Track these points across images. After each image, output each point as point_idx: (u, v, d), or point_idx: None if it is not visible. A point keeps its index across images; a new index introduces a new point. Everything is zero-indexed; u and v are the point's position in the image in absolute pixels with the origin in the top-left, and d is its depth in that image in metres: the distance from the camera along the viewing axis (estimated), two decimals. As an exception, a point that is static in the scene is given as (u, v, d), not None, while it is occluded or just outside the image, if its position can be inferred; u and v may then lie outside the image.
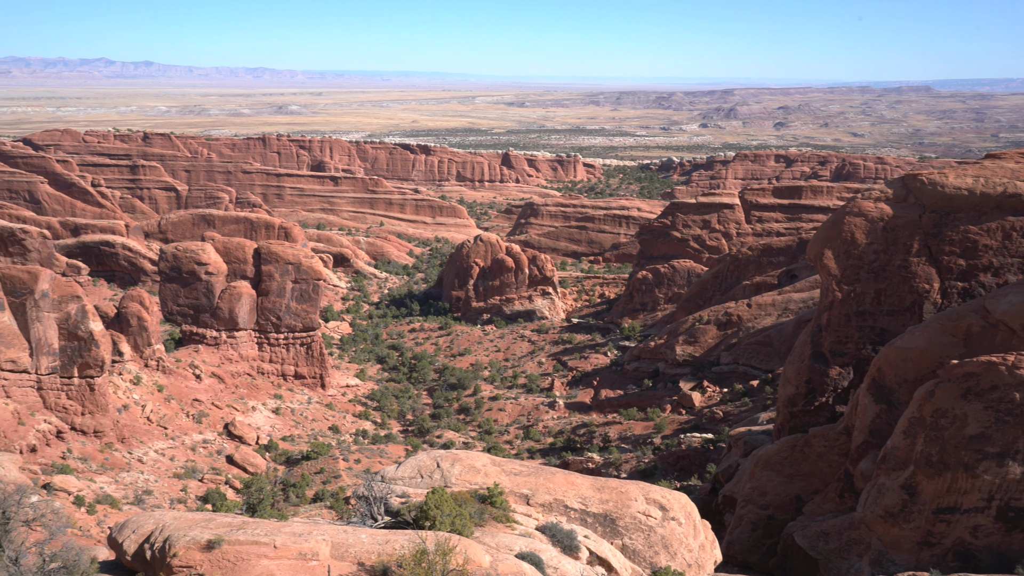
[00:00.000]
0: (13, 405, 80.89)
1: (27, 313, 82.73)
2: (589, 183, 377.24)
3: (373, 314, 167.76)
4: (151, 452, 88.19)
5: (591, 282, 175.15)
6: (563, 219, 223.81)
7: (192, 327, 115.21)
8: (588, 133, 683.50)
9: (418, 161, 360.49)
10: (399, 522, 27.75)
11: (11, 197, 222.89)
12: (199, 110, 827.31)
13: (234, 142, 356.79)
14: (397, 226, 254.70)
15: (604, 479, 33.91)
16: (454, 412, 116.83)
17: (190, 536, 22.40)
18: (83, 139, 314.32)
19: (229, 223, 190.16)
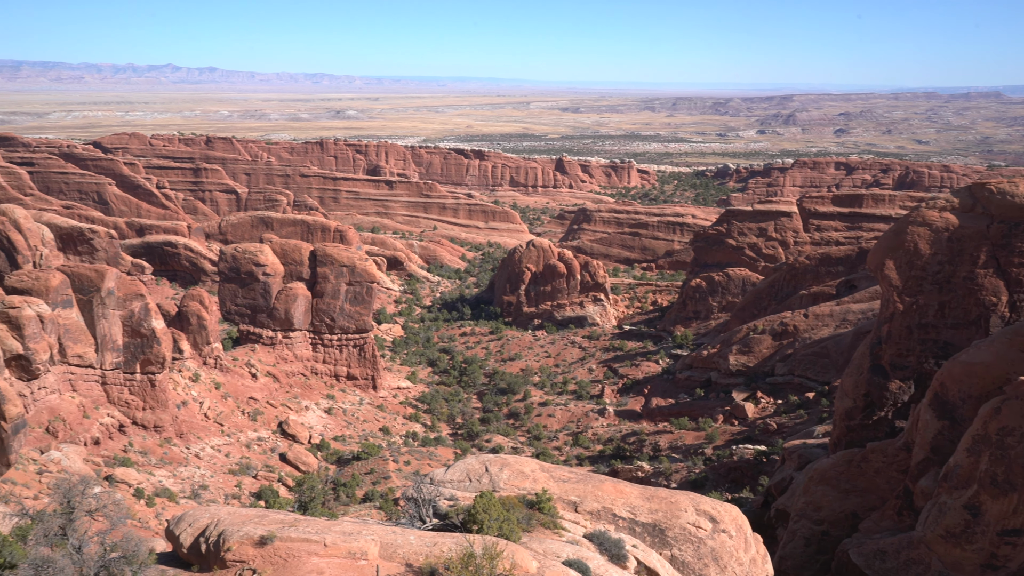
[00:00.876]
0: (79, 398, 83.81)
1: (94, 310, 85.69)
2: (643, 189, 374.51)
3: (425, 317, 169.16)
4: (208, 448, 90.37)
5: (643, 289, 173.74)
6: (616, 225, 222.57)
7: (249, 327, 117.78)
8: (643, 139, 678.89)
9: (472, 166, 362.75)
10: (447, 525, 27.87)
11: (81, 198, 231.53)
12: (260, 115, 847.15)
13: (293, 146, 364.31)
14: (450, 230, 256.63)
15: (653, 488, 33.52)
16: (503, 417, 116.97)
17: (243, 531, 22.85)
18: (149, 142, 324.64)
19: (286, 225, 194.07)
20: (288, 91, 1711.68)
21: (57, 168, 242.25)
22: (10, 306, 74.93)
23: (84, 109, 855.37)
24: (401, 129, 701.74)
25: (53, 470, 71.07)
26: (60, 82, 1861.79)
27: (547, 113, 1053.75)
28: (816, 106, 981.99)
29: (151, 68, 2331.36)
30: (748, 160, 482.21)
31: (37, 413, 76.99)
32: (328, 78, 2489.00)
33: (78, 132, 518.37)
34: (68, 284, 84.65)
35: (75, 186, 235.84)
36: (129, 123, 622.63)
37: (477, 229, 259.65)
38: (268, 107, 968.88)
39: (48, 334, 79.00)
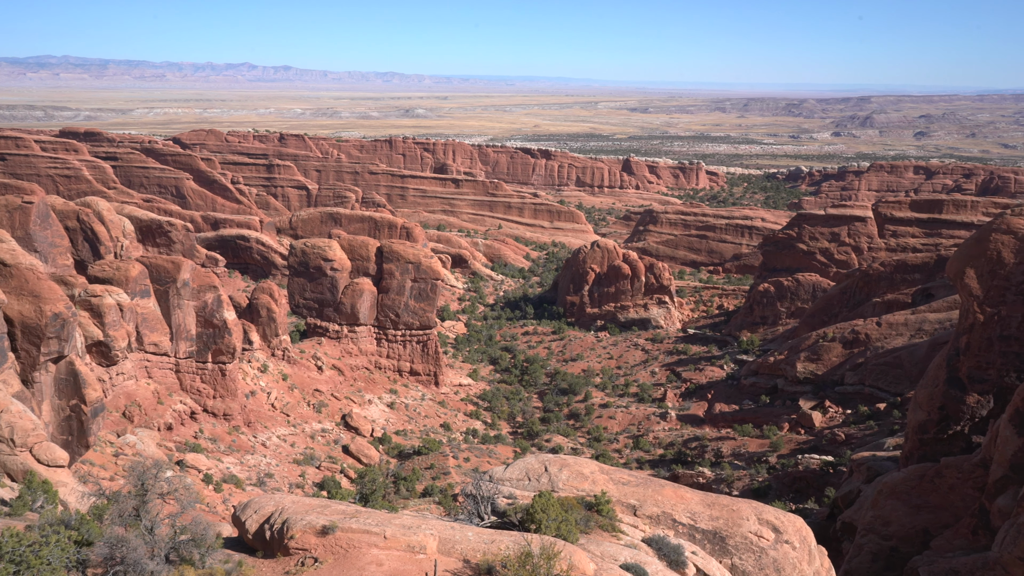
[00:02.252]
0: (154, 385, 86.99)
1: (169, 300, 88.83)
2: (711, 191, 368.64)
3: (488, 315, 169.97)
4: (274, 437, 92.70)
5: (709, 292, 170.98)
6: (683, 227, 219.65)
7: (316, 320, 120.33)
8: (712, 140, 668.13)
9: (538, 165, 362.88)
10: (505, 523, 27.90)
11: (160, 192, 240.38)
12: (331, 112, 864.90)
13: (362, 144, 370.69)
14: (515, 229, 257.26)
15: (715, 495, 32.92)
16: (564, 417, 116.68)
17: (306, 520, 23.31)
18: (225, 139, 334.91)
19: (354, 221, 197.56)
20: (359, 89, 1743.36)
21: (139, 163, 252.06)
22: (92, 294, 78.24)
23: (165, 106, 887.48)
24: (469, 128, 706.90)
25: (128, 453, 73.94)
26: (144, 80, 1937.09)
27: (615, 113, 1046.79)
28: (895, 108, 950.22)
29: (229, 67, 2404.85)
30: (822, 163, 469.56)
31: (115, 398, 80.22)
32: (398, 77, 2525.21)
33: (159, 128, 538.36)
34: (146, 275, 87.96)
35: (155, 180, 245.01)
36: (207, 120, 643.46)
37: (542, 228, 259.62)
38: (340, 105, 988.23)
39: (127, 322, 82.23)
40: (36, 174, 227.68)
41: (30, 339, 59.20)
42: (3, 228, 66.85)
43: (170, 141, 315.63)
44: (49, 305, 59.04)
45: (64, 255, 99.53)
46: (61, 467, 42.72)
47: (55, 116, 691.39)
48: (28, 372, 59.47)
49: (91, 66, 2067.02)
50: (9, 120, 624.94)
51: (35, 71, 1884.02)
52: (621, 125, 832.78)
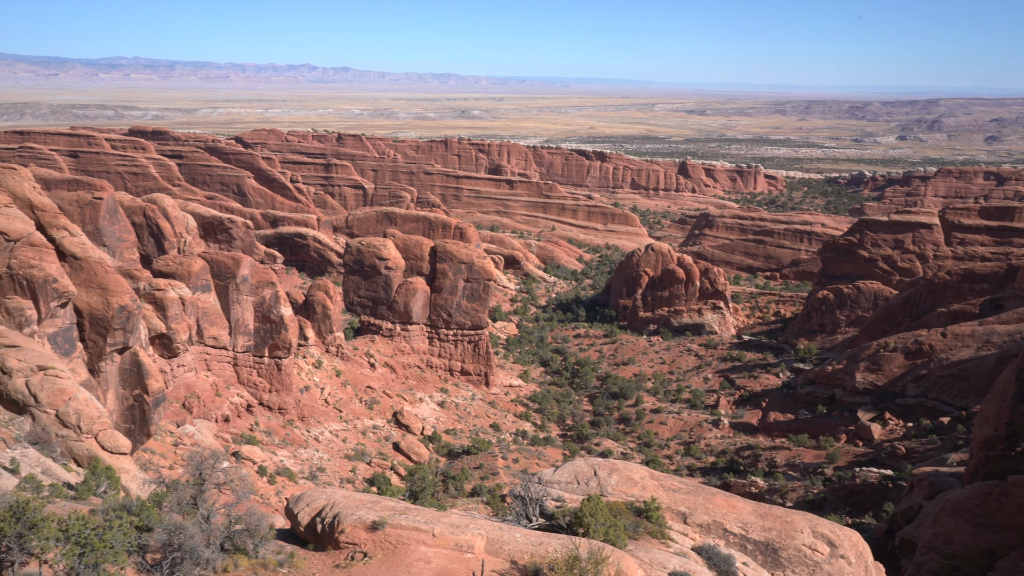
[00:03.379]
0: (212, 378, 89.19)
1: (229, 295, 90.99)
2: (770, 195, 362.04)
3: (540, 317, 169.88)
4: (326, 432, 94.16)
5: (766, 299, 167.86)
6: (739, 232, 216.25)
7: (370, 318, 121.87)
8: (772, 143, 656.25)
9: (593, 167, 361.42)
10: (553, 525, 27.80)
11: (222, 189, 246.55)
12: (388, 113, 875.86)
13: (418, 144, 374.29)
14: (568, 231, 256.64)
15: (768, 506, 32.25)
16: (614, 421, 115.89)
17: (357, 515, 23.59)
18: (286, 138, 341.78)
19: (409, 221, 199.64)
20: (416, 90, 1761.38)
21: (202, 161, 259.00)
22: (156, 288, 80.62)
23: (228, 106, 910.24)
24: (524, 129, 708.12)
25: (187, 443, 75.96)
26: (208, 80, 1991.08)
27: (672, 115, 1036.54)
28: (965, 111, 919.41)
29: (290, 68, 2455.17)
30: (886, 167, 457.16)
31: (175, 389, 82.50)
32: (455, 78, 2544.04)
33: (222, 128, 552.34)
34: (208, 270, 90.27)
35: (217, 178, 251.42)
36: (268, 120, 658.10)
37: (595, 231, 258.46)
38: (397, 106, 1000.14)
39: (188, 316, 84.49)
40: (106, 171, 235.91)
41: (97, 330, 61.28)
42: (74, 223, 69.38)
43: (233, 140, 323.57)
44: (116, 298, 61.01)
45: (131, 249, 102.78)
46: (124, 454, 44.08)
47: (125, 115, 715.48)
48: (95, 362, 61.57)
49: (159, 67, 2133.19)
50: (82, 119, 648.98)
51: (107, 72, 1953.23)
52: (678, 127, 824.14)
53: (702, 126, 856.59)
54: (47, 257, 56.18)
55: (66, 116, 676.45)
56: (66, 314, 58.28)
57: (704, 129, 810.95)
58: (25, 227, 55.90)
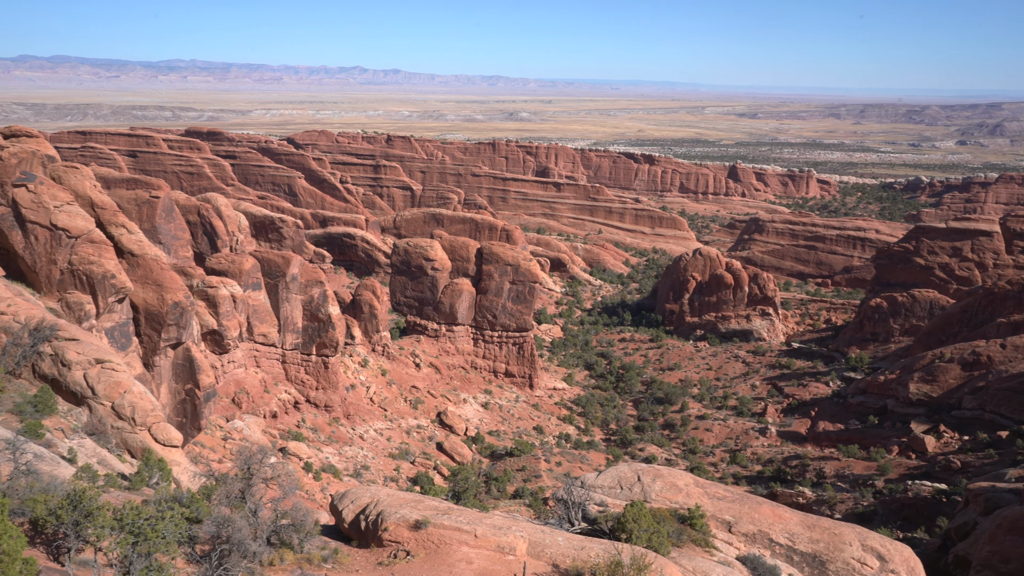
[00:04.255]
0: (261, 374, 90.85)
1: (279, 293, 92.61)
2: (822, 200, 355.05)
3: (585, 320, 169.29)
4: (371, 431, 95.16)
5: (816, 306, 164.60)
6: (790, 237, 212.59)
7: (416, 318, 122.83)
8: (825, 147, 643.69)
9: (641, 170, 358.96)
10: (595, 530, 27.67)
11: (274, 189, 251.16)
12: (437, 115, 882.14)
13: (466, 146, 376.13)
14: (615, 234, 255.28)
15: (815, 517, 31.61)
16: (658, 427, 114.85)
17: (400, 514, 23.78)
18: (336, 139, 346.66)
19: (456, 223, 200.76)
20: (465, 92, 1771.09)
21: (255, 161, 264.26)
22: (209, 285, 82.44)
23: (281, 108, 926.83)
24: (572, 132, 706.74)
25: (236, 437, 77.49)
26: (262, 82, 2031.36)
27: (722, 118, 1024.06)
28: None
29: (341, 70, 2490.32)
30: (944, 173, 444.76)
31: (225, 384, 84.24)
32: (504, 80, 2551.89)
33: (275, 129, 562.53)
34: (258, 268, 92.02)
35: (269, 178, 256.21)
36: (319, 121, 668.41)
37: (642, 234, 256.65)
38: (445, 108, 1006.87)
39: (239, 313, 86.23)
40: (163, 170, 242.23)
41: (152, 325, 62.91)
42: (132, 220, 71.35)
43: (284, 141, 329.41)
44: (170, 294, 62.57)
45: (185, 247, 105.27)
46: (175, 447, 45.16)
47: (182, 116, 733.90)
48: (149, 356, 63.22)
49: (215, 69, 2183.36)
50: (141, 119, 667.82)
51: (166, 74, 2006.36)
52: (728, 131, 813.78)
53: (753, 129, 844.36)
54: (106, 254, 57.87)
55: (126, 117, 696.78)
56: (123, 309, 59.96)
57: (755, 133, 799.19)
58: (86, 224, 57.68)
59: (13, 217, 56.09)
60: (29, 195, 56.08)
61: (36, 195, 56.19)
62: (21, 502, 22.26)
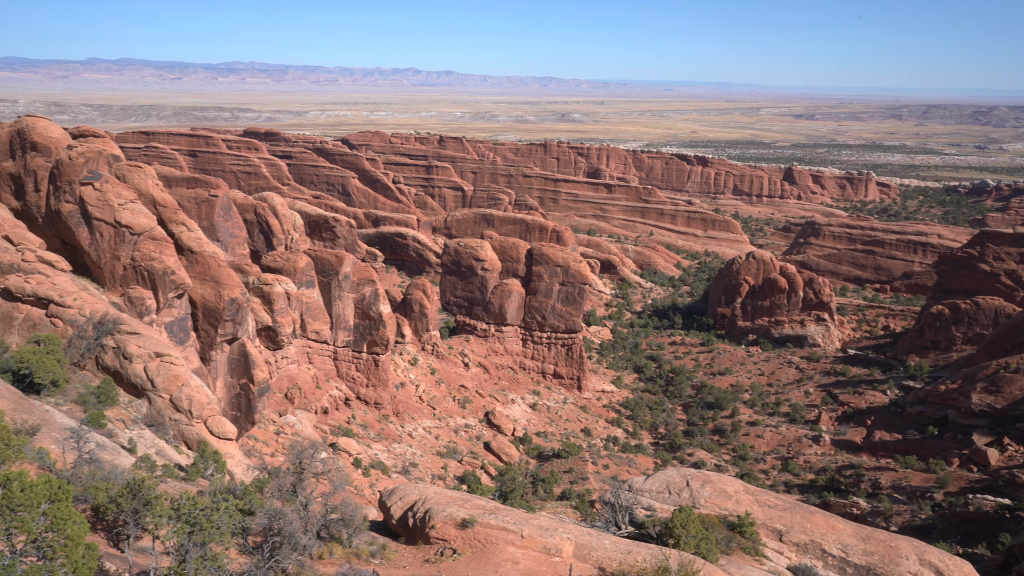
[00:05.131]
0: (313, 371, 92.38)
1: (331, 291, 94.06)
2: (881, 204, 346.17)
3: (635, 323, 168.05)
4: (420, 428, 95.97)
5: (874, 312, 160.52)
6: (847, 241, 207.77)
7: (465, 318, 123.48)
8: (885, 149, 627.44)
9: (694, 172, 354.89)
10: (642, 534, 27.43)
11: (328, 189, 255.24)
12: (489, 116, 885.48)
13: (518, 147, 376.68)
14: (666, 237, 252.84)
15: (870, 528, 30.82)
16: (708, 432, 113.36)
17: (447, 512, 23.93)
18: (389, 140, 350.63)
19: (506, 223, 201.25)
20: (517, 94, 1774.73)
21: (310, 161, 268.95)
22: (264, 283, 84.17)
23: (336, 109, 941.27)
24: (624, 133, 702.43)
25: (288, 432, 78.94)
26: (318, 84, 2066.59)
27: (778, 120, 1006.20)
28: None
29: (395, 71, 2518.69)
30: (1012, 176, 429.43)
31: (279, 380, 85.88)
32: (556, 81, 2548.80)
33: (330, 129, 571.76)
34: (312, 266, 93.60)
35: (324, 178, 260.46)
36: (373, 122, 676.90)
37: (695, 237, 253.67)
38: (497, 109, 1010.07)
39: (293, 310, 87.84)
40: (221, 169, 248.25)
41: (209, 320, 64.49)
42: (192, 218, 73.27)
43: (339, 142, 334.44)
44: (227, 290, 64.05)
45: (242, 245, 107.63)
46: (230, 440, 46.20)
47: (240, 117, 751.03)
48: (206, 351, 64.81)
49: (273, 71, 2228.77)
50: (202, 120, 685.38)
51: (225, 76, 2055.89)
52: (784, 132, 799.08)
53: (810, 131, 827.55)
54: (166, 250, 59.53)
55: (187, 118, 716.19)
56: (182, 304, 61.60)
57: (812, 134, 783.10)
58: (148, 222, 59.42)
59: (80, 214, 58.10)
60: (95, 193, 58.01)
61: (102, 193, 58.10)
62: (84, 489, 23.04)
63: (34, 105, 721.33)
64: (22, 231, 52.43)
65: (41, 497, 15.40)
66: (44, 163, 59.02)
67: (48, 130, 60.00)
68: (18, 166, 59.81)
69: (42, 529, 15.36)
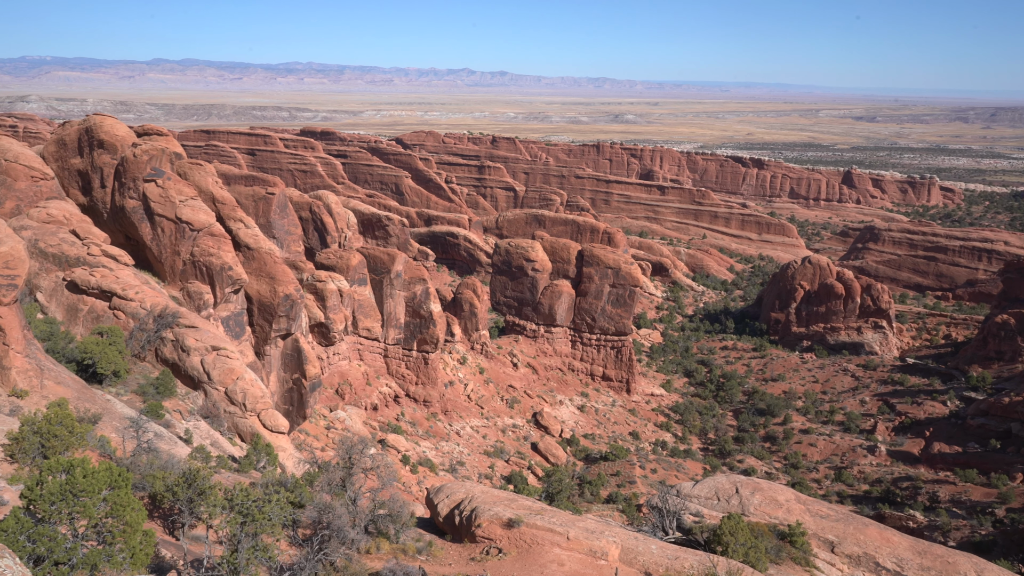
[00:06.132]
0: (364, 367, 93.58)
1: (383, 289, 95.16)
2: (945, 209, 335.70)
3: (686, 326, 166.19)
4: (467, 427, 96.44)
5: (935, 320, 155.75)
6: (908, 247, 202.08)
7: (514, 318, 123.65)
8: (950, 153, 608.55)
9: (749, 175, 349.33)
10: (689, 540, 27.12)
11: (382, 188, 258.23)
12: (542, 117, 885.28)
13: (570, 148, 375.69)
14: (720, 240, 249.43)
15: (927, 543, 29.93)
16: (759, 439, 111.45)
17: (494, 511, 23.99)
18: (442, 140, 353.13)
19: (557, 224, 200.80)
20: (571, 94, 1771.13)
21: (364, 160, 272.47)
22: (318, 280, 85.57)
23: (391, 109, 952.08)
24: (678, 135, 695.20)
25: (338, 427, 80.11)
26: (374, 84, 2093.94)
27: (838, 122, 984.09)
28: None
29: (450, 72, 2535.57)
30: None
31: (330, 375, 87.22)
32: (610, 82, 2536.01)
33: (384, 129, 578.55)
34: (364, 264, 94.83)
35: (378, 177, 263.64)
36: (427, 122, 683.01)
37: (749, 240, 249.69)
38: (551, 110, 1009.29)
39: (345, 307, 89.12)
40: (278, 168, 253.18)
41: (264, 316, 65.84)
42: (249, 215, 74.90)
43: (393, 141, 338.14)
44: (282, 287, 65.31)
45: (296, 242, 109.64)
46: (282, 433, 47.10)
47: (297, 116, 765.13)
48: (261, 345, 66.18)
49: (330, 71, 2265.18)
50: (260, 119, 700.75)
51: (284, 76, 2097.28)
52: (843, 135, 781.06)
53: (871, 133, 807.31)
54: (224, 246, 60.97)
55: (247, 117, 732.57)
56: (238, 300, 63.02)
57: (873, 137, 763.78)
58: (207, 218, 60.94)
59: (143, 210, 59.90)
60: (158, 190, 59.72)
61: (164, 190, 59.79)
62: (142, 477, 23.75)
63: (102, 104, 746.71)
64: (88, 226, 54.28)
65: (102, 484, 15.92)
66: (110, 160, 61.01)
67: (114, 128, 61.99)
68: (86, 163, 61.95)
69: (103, 515, 15.87)
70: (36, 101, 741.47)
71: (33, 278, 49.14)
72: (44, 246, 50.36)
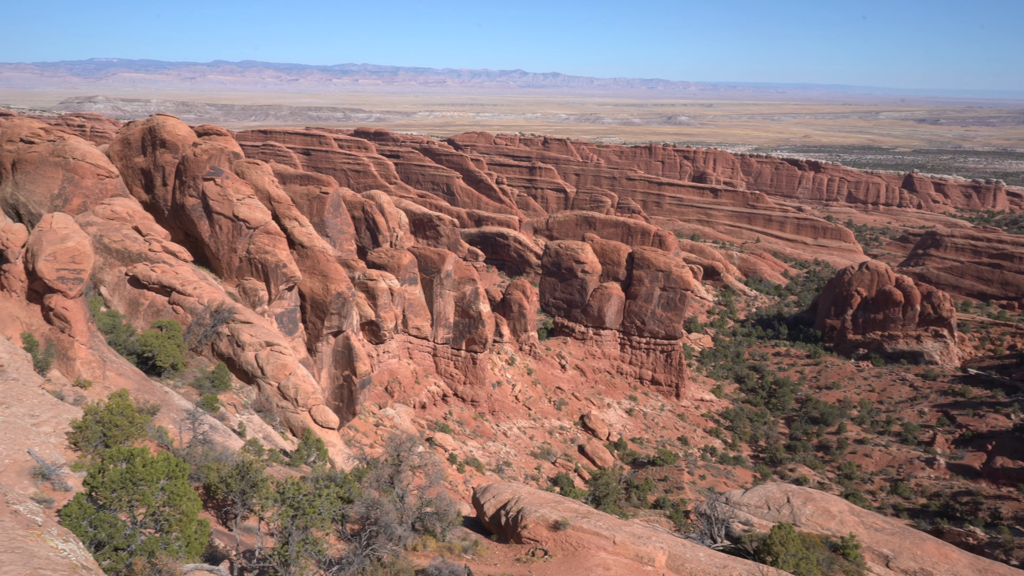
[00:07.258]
0: (413, 366, 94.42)
1: (433, 289, 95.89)
2: (1011, 215, 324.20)
3: (737, 331, 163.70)
4: (515, 428, 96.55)
5: (999, 330, 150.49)
6: (971, 254, 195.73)
7: (563, 320, 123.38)
8: (1018, 157, 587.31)
9: (805, 178, 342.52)
10: (738, 549, 26.70)
11: (433, 188, 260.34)
12: (594, 118, 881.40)
13: (622, 149, 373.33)
14: (774, 244, 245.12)
15: (988, 561, 28.91)
16: (812, 447, 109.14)
17: (540, 513, 23.95)
18: (494, 141, 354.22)
19: (608, 226, 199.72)
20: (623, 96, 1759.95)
21: (416, 161, 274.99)
22: (369, 279, 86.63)
23: (443, 110, 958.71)
24: (732, 137, 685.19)
25: (387, 425, 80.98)
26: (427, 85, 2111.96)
27: (899, 124, 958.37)
28: None
29: (502, 73, 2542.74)
30: None
31: (379, 373, 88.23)
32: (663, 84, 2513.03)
33: (436, 130, 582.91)
34: (415, 264, 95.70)
35: (429, 177, 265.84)
36: (478, 123, 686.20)
37: (804, 245, 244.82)
38: (603, 111, 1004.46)
39: (395, 306, 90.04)
40: (332, 168, 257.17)
41: (317, 313, 66.93)
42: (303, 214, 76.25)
43: (445, 142, 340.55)
44: (334, 284, 66.31)
45: (349, 241, 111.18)
46: (332, 429, 47.83)
47: (351, 117, 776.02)
48: (313, 342, 67.30)
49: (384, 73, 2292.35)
50: (316, 120, 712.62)
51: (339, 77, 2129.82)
52: (905, 137, 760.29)
53: (934, 136, 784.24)
54: (279, 244, 62.18)
55: (303, 117, 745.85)
56: (292, 297, 64.20)
57: (936, 140, 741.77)
58: (263, 216, 62.22)
59: (202, 208, 61.43)
60: (216, 188, 61.19)
61: (222, 188, 61.23)
62: (197, 468, 24.35)
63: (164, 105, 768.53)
64: (150, 223, 55.91)
65: (160, 473, 16.36)
66: (171, 159, 62.73)
67: (176, 128, 63.73)
68: (148, 161, 63.81)
69: (160, 503, 16.31)
70: (103, 102, 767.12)
71: (97, 272, 50.80)
72: (108, 242, 52.01)
